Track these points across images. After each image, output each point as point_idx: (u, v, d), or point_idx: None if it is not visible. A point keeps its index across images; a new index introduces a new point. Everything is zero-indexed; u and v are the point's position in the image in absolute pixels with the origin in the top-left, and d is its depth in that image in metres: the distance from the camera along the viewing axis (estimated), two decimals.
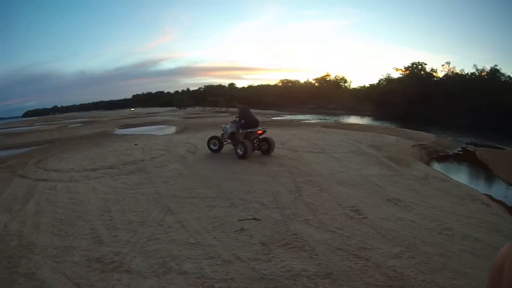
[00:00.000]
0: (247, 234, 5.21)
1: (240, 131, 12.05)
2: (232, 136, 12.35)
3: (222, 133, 12.89)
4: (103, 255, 4.88)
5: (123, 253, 4.88)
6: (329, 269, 4.18)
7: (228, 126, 12.74)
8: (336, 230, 5.30)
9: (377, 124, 28.39)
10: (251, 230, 5.36)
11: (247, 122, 12.10)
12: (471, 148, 15.50)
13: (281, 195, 6.98)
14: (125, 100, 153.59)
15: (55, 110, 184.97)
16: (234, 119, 12.94)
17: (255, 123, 12.17)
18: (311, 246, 4.79)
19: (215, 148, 12.62)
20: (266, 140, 12.06)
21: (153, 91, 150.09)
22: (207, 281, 4.08)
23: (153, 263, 4.53)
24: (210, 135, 13.22)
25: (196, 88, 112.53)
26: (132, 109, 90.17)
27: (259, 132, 12.02)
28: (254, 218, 5.82)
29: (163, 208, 6.68)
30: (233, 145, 12.09)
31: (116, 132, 27.49)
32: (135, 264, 4.54)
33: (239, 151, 11.36)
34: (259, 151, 11.94)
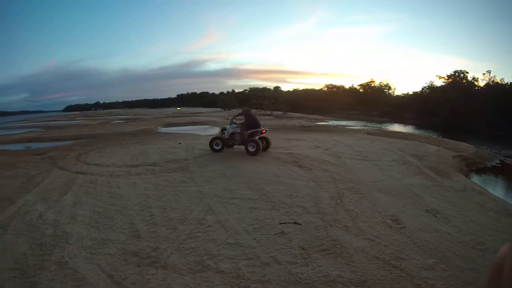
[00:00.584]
0: (287, 238, 5.08)
1: (246, 131, 13.20)
2: (232, 136, 13.67)
3: (222, 133, 13.96)
4: (140, 249, 4.87)
5: (161, 248, 4.85)
6: (364, 277, 4.07)
7: (228, 126, 13.96)
8: (374, 238, 5.15)
9: (419, 133, 27.80)
10: (291, 233, 5.24)
11: (252, 123, 13.40)
12: (509, 161, 15.05)
13: (323, 201, 6.84)
14: (169, 99, 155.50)
15: (97, 106, 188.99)
16: (233, 120, 14.25)
17: (258, 124, 13.54)
18: (349, 253, 4.65)
19: (218, 148, 13.46)
20: (265, 139, 13.65)
21: (198, 91, 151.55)
22: (243, 281, 4.00)
23: (190, 260, 4.47)
24: (213, 136, 14.09)
25: (241, 90, 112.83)
26: (178, 108, 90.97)
27: (263, 131, 13.59)
28: (295, 222, 5.68)
29: (205, 207, 6.64)
30: (238, 144, 13.55)
31: (159, 130, 27.80)
32: (172, 260, 4.50)
33: (251, 148, 12.56)
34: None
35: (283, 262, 4.37)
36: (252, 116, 13.77)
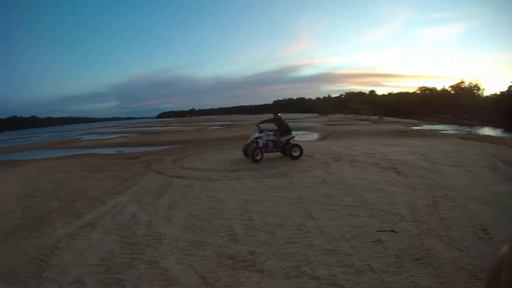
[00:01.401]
0: (383, 246, 4.96)
1: (281, 138, 13.56)
2: (266, 143, 13.48)
3: (256, 142, 13.33)
4: (237, 252, 4.91)
5: (258, 253, 4.86)
6: None
7: (263, 134, 13.62)
8: (464, 248, 4.93)
9: (508, 136, 26.80)
10: (387, 242, 5.11)
11: (285, 129, 13.78)
12: None
13: (419, 208, 6.66)
14: (265, 105, 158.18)
15: (192, 112, 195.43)
16: (260, 127, 14.11)
17: (290, 130, 13.99)
18: (440, 263, 4.48)
19: (258, 158, 12.83)
20: (297, 145, 13.48)
21: (294, 97, 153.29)
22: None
23: (287, 265, 4.45)
24: (252, 146, 13.16)
25: (337, 94, 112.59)
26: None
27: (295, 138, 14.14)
28: (392, 230, 5.55)
29: (304, 213, 6.60)
30: (273, 152, 13.56)
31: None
32: (268, 264, 4.49)
33: (294, 153, 13.07)
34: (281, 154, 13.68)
35: (378, 270, 4.26)
36: (284, 123, 13.98)
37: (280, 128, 13.72)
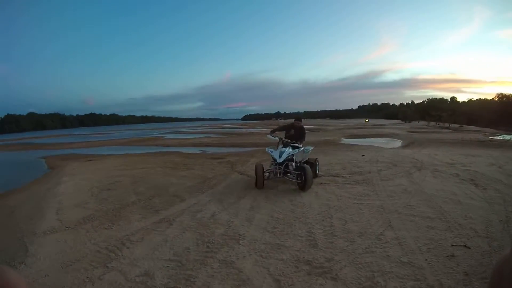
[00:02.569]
0: (455, 261, 4.99)
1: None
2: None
3: (289, 161, 9.87)
4: (314, 258, 5.01)
5: (335, 260, 4.96)
6: None
7: (289, 150, 9.99)
8: None
9: None
10: (459, 257, 5.13)
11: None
12: None
13: (492, 224, 6.59)
14: (351, 110, 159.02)
15: (278, 115, 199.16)
16: (283, 139, 10.64)
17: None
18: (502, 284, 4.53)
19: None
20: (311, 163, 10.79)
21: (379, 103, 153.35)
22: None
23: (361, 275, 4.55)
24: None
25: (420, 101, 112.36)
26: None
27: None
28: (465, 246, 5.58)
29: (385, 222, 6.67)
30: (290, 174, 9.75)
31: (342, 141, 28.73)
32: (344, 273, 4.59)
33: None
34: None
35: (447, 286, 4.32)
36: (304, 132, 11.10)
37: (299, 139, 10.64)
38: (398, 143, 27.54)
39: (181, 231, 6.31)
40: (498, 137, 33.58)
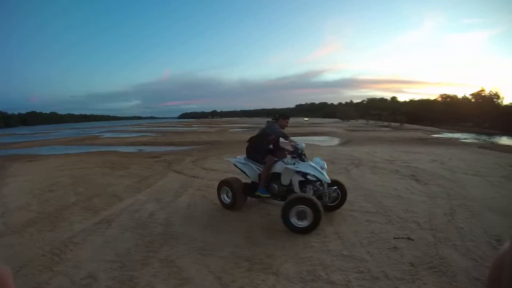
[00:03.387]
0: (399, 253, 5.00)
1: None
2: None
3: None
4: (254, 255, 4.94)
5: (276, 256, 4.91)
6: None
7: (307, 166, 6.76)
8: (478, 259, 4.93)
9: None
10: (403, 249, 5.15)
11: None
12: None
13: (436, 217, 6.69)
14: (288, 109, 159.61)
15: (214, 114, 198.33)
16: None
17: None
18: (454, 272, 4.48)
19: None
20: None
21: (316, 102, 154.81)
22: None
23: (303, 269, 4.49)
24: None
25: (359, 100, 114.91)
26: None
27: None
28: (408, 238, 5.59)
29: (323, 218, 6.43)
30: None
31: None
32: (285, 268, 4.53)
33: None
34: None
35: (392, 277, 4.29)
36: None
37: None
38: (335, 141, 28.17)
39: (121, 231, 6.13)
40: (440, 135, 34.85)
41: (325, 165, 6.97)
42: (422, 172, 11.10)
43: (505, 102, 65.84)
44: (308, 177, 6.56)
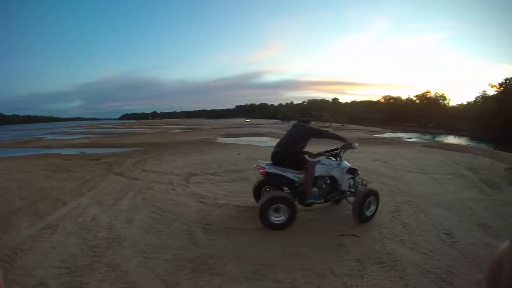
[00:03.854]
0: (345, 250, 5.03)
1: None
2: None
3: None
4: (197, 256, 4.88)
5: (218, 256, 4.85)
6: None
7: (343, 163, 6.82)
8: (428, 252, 5.02)
9: (474, 145, 27.52)
10: (348, 246, 5.18)
11: None
12: None
13: (381, 214, 6.74)
14: (228, 110, 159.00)
15: (155, 115, 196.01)
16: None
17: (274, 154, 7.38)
18: (403, 266, 4.54)
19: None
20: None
21: (257, 103, 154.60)
22: None
23: (247, 269, 4.44)
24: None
25: (300, 101, 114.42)
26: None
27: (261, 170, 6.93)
28: (353, 235, 5.61)
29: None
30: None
31: (218, 141, 28.66)
32: (229, 268, 4.48)
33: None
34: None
35: (339, 273, 4.31)
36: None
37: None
38: (275, 141, 28.10)
39: (66, 236, 5.92)
40: (383, 135, 35.65)
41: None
42: (363, 171, 10.96)
43: (452, 103, 68.27)
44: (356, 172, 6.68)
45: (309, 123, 7.23)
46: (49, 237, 5.89)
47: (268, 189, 7.15)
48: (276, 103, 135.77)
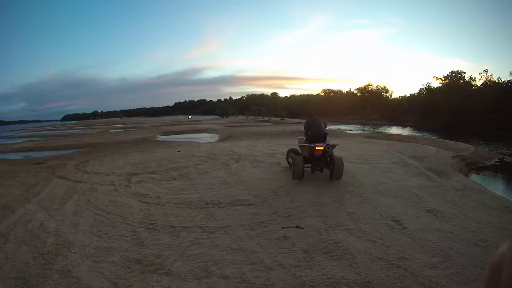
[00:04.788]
0: (290, 242, 5.11)
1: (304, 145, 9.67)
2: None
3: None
4: (144, 257, 4.87)
5: (164, 255, 4.86)
6: (368, 277, 4.08)
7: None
8: (377, 239, 5.16)
9: (418, 135, 28.11)
10: (294, 237, 5.26)
11: (312, 136, 9.66)
12: (508, 159, 15.07)
13: (325, 204, 6.88)
14: (167, 107, 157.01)
15: (95, 115, 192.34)
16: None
17: (318, 136, 9.58)
18: (352, 254, 4.66)
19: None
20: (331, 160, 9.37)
21: (196, 99, 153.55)
22: (248, 285, 4.01)
23: (194, 266, 4.47)
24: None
25: (239, 97, 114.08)
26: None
27: (318, 148, 9.09)
28: (297, 226, 5.70)
29: (207, 214, 6.66)
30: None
31: (158, 139, 28.78)
32: (176, 267, 4.49)
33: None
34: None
35: (287, 265, 4.38)
36: (313, 127, 9.97)
37: (306, 132, 10.08)
38: (214, 137, 28.79)
39: (18, 245, 5.77)
40: None
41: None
42: None
43: (394, 95, 69.75)
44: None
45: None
46: (2, 247, 5.74)
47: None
48: (215, 99, 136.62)
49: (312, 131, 9.75)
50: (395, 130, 36.55)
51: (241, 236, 5.43)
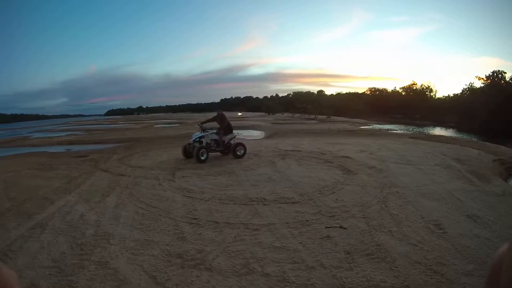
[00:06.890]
0: (333, 242, 5.00)
1: (225, 137, 13.32)
2: (209, 143, 12.97)
3: (198, 142, 12.84)
4: (185, 251, 4.86)
5: (206, 251, 4.83)
6: (406, 282, 3.97)
7: (207, 133, 13.15)
8: (417, 243, 5.01)
9: (460, 136, 27.40)
10: (336, 238, 5.16)
11: (229, 128, 13.68)
12: None
13: (369, 205, 6.77)
14: (212, 103, 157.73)
15: (140, 110, 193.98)
16: (202, 126, 13.65)
17: (232, 128, 13.89)
18: (393, 257, 4.53)
19: (203, 158, 12.28)
20: (241, 144, 13.37)
21: (242, 96, 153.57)
22: (288, 284, 3.93)
23: (236, 263, 4.43)
24: (197, 146, 12.51)
25: (285, 94, 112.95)
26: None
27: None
28: (340, 226, 5.59)
29: (251, 210, 6.62)
30: (216, 151, 13.19)
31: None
32: (217, 263, 4.46)
33: (238, 152, 12.95)
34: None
35: (328, 266, 4.29)
36: (227, 121, 13.80)
37: (223, 126, 13.53)
38: (261, 134, 28.51)
39: (55, 235, 5.85)
40: (368, 127, 35.48)
41: (208, 135, 13.15)
42: (350, 162, 11.25)
43: (438, 95, 68.04)
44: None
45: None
46: (38, 237, 5.82)
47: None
48: (260, 96, 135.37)
49: (228, 125, 13.91)
50: (438, 131, 35.76)
51: (284, 234, 5.35)
